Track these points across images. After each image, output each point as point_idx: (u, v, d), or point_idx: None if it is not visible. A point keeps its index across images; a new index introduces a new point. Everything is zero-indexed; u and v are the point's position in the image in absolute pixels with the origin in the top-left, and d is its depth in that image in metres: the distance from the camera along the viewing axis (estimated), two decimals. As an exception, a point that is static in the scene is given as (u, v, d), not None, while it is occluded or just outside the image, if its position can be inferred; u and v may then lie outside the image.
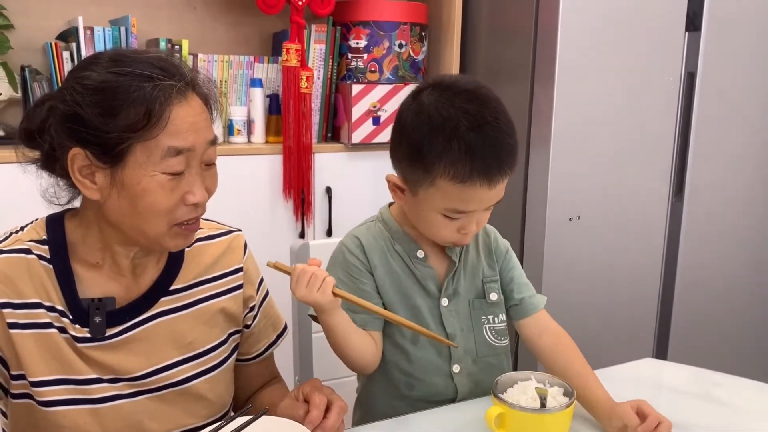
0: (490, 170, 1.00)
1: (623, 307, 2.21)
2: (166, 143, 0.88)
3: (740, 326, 2.39)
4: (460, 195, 1.02)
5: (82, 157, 0.89)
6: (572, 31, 1.99)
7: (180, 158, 0.90)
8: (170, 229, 0.93)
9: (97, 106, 0.87)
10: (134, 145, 0.87)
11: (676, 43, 2.12)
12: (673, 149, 2.18)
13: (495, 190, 1.03)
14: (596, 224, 2.13)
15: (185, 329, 1.03)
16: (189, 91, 0.92)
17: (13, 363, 0.93)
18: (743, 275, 2.36)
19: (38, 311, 0.93)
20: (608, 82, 2.06)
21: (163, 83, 0.88)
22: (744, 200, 2.31)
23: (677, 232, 2.23)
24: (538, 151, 2.09)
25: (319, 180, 2.18)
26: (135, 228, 0.92)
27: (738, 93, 2.22)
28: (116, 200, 0.91)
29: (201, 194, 0.93)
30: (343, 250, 1.15)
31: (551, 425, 0.96)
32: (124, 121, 0.86)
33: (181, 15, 2.26)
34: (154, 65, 0.90)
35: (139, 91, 0.87)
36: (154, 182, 0.89)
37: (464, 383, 1.15)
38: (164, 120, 0.87)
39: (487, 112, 1.01)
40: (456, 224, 1.06)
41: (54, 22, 2.08)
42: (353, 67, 2.23)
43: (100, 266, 0.98)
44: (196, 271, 1.06)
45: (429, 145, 1.01)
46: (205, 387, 1.04)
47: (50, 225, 0.98)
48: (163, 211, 0.91)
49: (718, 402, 1.13)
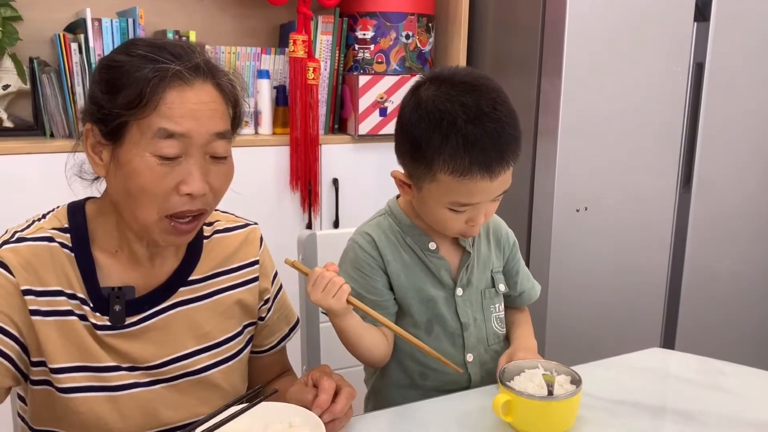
0: (490, 162, 1.00)
1: (630, 298, 2.21)
2: (157, 124, 0.88)
3: (747, 318, 2.39)
4: (462, 188, 1.02)
5: (92, 133, 0.92)
6: (580, 22, 1.98)
7: (172, 142, 0.89)
8: (161, 220, 0.92)
9: (104, 84, 0.90)
10: (131, 124, 0.88)
11: (685, 33, 2.10)
12: (681, 141, 2.17)
13: (497, 181, 1.02)
14: (603, 216, 2.13)
15: (202, 319, 1.04)
16: (198, 78, 0.91)
17: (34, 349, 0.94)
18: (750, 267, 2.35)
19: (60, 299, 0.94)
20: (616, 73, 2.06)
21: (162, 66, 0.88)
22: (752, 192, 2.30)
23: (685, 224, 2.22)
24: (545, 143, 2.09)
25: (326, 171, 2.18)
26: (129, 212, 0.93)
27: (747, 84, 2.21)
28: (114, 179, 0.92)
29: (196, 185, 0.90)
30: (354, 247, 1.15)
31: (558, 412, 0.97)
32: (122, 99, 0.88)
33: (188, 6, 2.27)
34: (166, 50, 0.91)
35: (139, 72, 0.88)
36: (143, 163, 0.89)
37: (477, 372, 1.17)
38: (155, 101, 0.88)
39: (485, 104, 1.00)
40: (463, 217, 1.06)
41: (62, 14, 2.09)
42: (360, 58, 2.23)
43: (118, 254, 0.99)
44: (214, 262, 1.07)
45: (428, 140, 1.01)
46: (220, 377, 1.05)
47: (71, 213, 0.99)
48: (151, 196, 0.90)
49: (725, 390, 1.13)
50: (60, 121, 1.99)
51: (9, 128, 1.99)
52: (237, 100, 0.97)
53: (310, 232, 1.39)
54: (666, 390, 1.17)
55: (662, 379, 1.22)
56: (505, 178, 1.04)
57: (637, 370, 1.21)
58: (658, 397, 1.12)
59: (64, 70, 1.93)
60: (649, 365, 1.25)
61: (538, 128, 2.10)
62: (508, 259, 1.22)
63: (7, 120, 1.99)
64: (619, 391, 1.10)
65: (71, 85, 1.94)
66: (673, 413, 1.06)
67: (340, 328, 1.06)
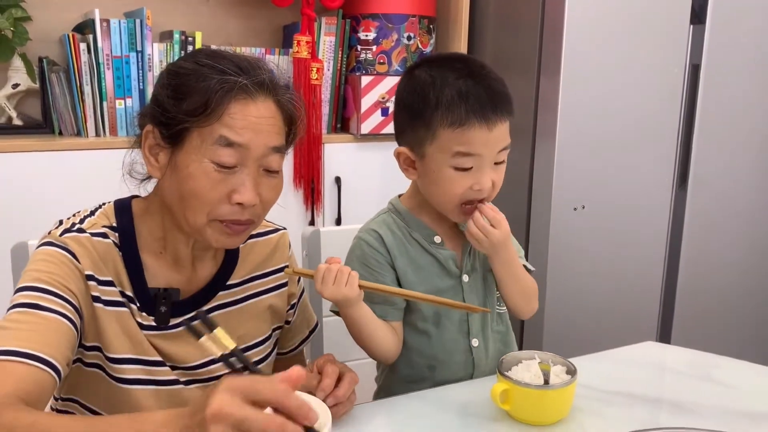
0: (485, 110, 1.05)
1: (627, 294, 2.25)
2: (219, 132, 0.91)
3: (741, 313, 2.42)
4: (462, 139, 1.05)
5: (152, 135, 0.95)
6: (578, 23, 2.02)
7: (231, 151, 0.91)
8: (211, 222, 0.94)
9: (170, 89, 0.94)
10: (192, 130, 0.92)
11: (681, 35, 2.14)
12: (677, 140, 2.21)
13: (495, 132, 1.06)
14: (601, 213, 2.16)
15: (237, 323, 1.06)
16: (261, 93, 0.94)
17: (91, 334, 0.96)
18: (745, 264, 2.39)
19: (114, 290, 0.97)
20: (613, 73, 2.09)
21: (229, 77, 0.92)
22: (746, 190, 2.34)
23: (681, 222, 2.26)
24: (543, 141, 2.13)
25: (328, 169, 2.21)
26: (180, 213, 0.95)
27: (741, 85, 2.24)
28: (169, 181, 0.95)
29: (248, 196, 0.92)
30: (361, 244, 1.17)
31: (553, 401, 1.00)
32: (187, 106, 0.91)
33: (194, 8, 2.30)
34: (233, 62, 0.94)
35: (206, 81, 0.91)
36: (200, 168, 0.91)
37: (481, 357, 1.19)
38: (219, 111, 0.91)
39: (475, 67, 1.08)
40: (468, 178, 1.08)
41: (70, 14, 2.12)
42: (362, 59, 2.27)
43: (162, 256, 1.02)
44: (249, 267, 1.10)
45: (424, 99, 1.07)
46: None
47: (119, 212, 1.01)
48: (204, 201, 0.92)
49: (718, 383, 1.16)
50: (69, 119, 2.02)
51: (18, 126, 2.03)
52: (294, 117, 1.00)
53: (314, 229, 1.42)
54: (660, 382, 1.21)
55: (656, 371, 1.25)
56: (503, 132, 1.08)
57: (631, 362, 1.24)
58: (651, 389, 1.15)
59: (73, 69, 1.96)
60: (644, 358, 1.28)
61: (536, 127, 2.14)
62: None
63: (16, 118, 2.03)
64: (614, 383, 1.14)
65: (80, 84, 1.98)
66: (667, 404, 1.09)
67: (354, 319, 1.08)
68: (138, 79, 2.04)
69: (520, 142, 2.18)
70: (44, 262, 0.93)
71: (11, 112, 2.03)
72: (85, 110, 2.00)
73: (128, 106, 2.04)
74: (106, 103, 2.01)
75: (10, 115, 2.03)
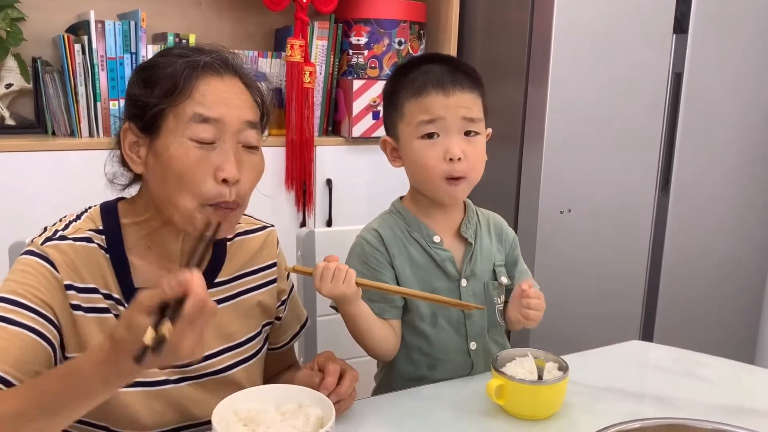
0: (442, 80, 1.13)
1: (611, 296, 2.30)
2: (192, 109, 0.93)
3: (721, 313, 2.49)
4: (421, 107, 1.13)
5: (131, 132, 0.97)
6: (566, 32, 2.07)
7: (207, 126, 0.93)
8: (201, 207, 0.94)
9: (141, 82, 0.96)
10: (166, 113, 0.93)
11: (664, 44, 2.20)
12: (660, 146, 2.27)
13: (453, 99, 1.13)
14: (586, 217, 2.22)
15: (227, 320, 1.07)
16: (226, 72, 0.97)
17: (72, 344, 0.96)
18: (725, 266, 2.46)
19: (97, 296, 0.97)
20: (599, 81, 2.15)
21: (193, 58, 0.95)
22: (726, 195, 2.41)
23: (663, 225, 2.32)
24: (531, 147, 2.17)
25: (320, 172, 2.24)
26: (168, 202, 0.95)
27: (723, 93, 2.31)
28: (152, 172, 0.96)
29: (231, 170, 0.93)
30: (361, 243, 1.20)
31: (547, 396, 1.04)
32: (158, 92, 0.94)
33: (187, 10, 2.32)
34: (196, 49, 0.98)
35: (173, 66, 0.95)
36: (181, 148, 0.92)
37: (479, 360, 1.22)
38: (189, 88, 0.93)
39: (445, 56, 1.19)
40: (438, 148, 1.13)
41: (64, 15, 2.13)
42: (354, 63, 2.30)
43: (150, 255, 1.02)
44: (237, 264, 1.10)
45: (395, 83, 1.17)
46: (242, 375, 1.09)
47: (105, 214, 1.02)
48: (189, 179, 0.93)
49: (701, 379, 1.21)
50: (62, 119, 2.03)
51: (11, 126, 2.03)
52: (263, 97, 1.03)
53: (309, 230, 1.45)
54: (645, 378, 1.26)
55: (642, 368, 1.30)
56: (463, 100, 1.14)
57: (619, 360, 1.29)
58: (638, 385, 1.20)
59: (67, 70, 1.97)
60: (631, 356, 1.32)
61: (524, 133, 2.19)
62: (509, 253, 1.29)
63: (9, 118, 2.04)
64: (603, 379, 1.18)
65: (74, 85, 1.99)
66: (652, 399, 1.14)
67: (352, 316, 1.11)
68: (132, 80, 2.06)
69: (508, 148, 2.23)
70: (22, 273, 0.94)
71: (4, 111, 2.03)
72: (78, 111, 2.01)
73: (122, 107, 2.05)
74: (99, 103, 2.02)
75: (2, 115, 2.03)
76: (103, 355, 0.76)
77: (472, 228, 1.23)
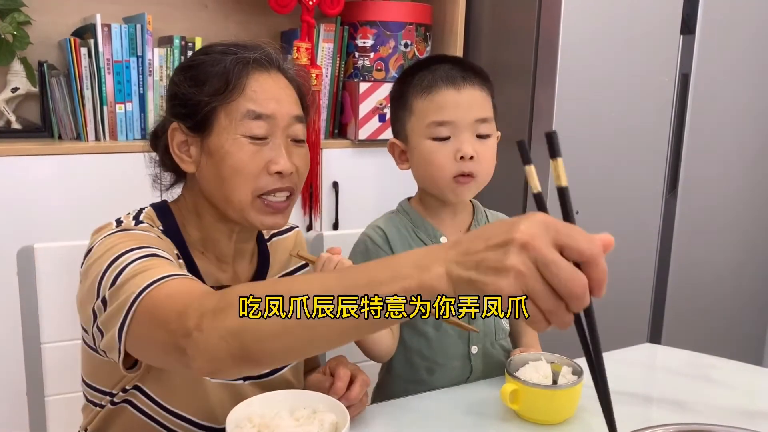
0: (452, 75, 1.12)
1: (619, 298, 2.29)
2: (245, 106, 0.94)
3: (730, 316, 2.48)
4: (432, 105, 1.12)
5: (179, 132, 0.97)
6: (573, 33, 2.07)
7: (260, 123, 0.95)
8: (254, 200, 0.96)
9: (188, 81, 0.96)
10: (218, 111, 0.94)
11: (672, 45, 2.20)
12: (667, 147, 2.27)
13: (464, 95, 1.12)
14: (594, 219, 2.21)
15: None
16: (273, 68, 0.99)
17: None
18: (733, 268, 2.45)
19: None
20: (607, 82, 2.14)
21: (241, 55, 0.96)
22: (734, 196, 2.40)
23: (671, 227, 2.31)
24: (538, 148, 2.17)
25: (326, 175, 2.24)
26: (223, 197, 0.96)
27: (730, 94, 2.31)
28: (206, 169, 0.97)
29: (284, 163, 0.96)
30: (365, 240, 1.20)
31: (561, 401, 1.03)
32: (208, 89, 0.94)
33: (193, 13, 2.32)
34: (239, 45, 0.98)
35: (221, 64, 0.95)
36: (236, 144, 0.94)
37: (479, 364, 1.22)
38: (241, 85, 0.94)
39: (451, 56, 1.18)
40: (449, 148, 1.12)
41: (70, 19, 2.13)
42: (360, 65, 2.30)
43: (205, 255, 1.03)
44: (279, 265, 1.13)
45: (403, 82, 1.16)
46: (291, 374, 1.11)
47: (161, 216, 1.02)
48: (246, 174, 0.95)
49: (716, 382, 1.20)
50: (68, 123, 2.03)
51: (17, 130, 2.03)
52: (303, 89, 1.05)
53: (317, 233, 1.45)
54: (659, 382, 1.25)
55: (656, 371, 1.29)
56: (475, 98, 1.13)
57: (631, 363, 1.28)
58: (652, 388, 1.19)
59: (73, 73, 1.97)
60: (643, 359, 1.32)
61: (532, 134, 2.18)
62: None
63: (15, 122, 2.03)
64: (615, 383, 1.15)
65: (80, 89, 1.98)
66: (667, 403, 1.13)
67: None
68: (138, 83, 2.05)
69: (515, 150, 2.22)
70: (138, 236, 0.92)
71: (10, 115, 2.03)
72: (85, 114, 2.00)
73: (128, 110, 2.05)
74: (106, 107, 2.02)
75: (8, 119, 2.03)
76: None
77: None
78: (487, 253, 0.57)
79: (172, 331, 0.73)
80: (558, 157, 0.64)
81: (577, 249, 0.56)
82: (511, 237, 0.56)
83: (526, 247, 0.55)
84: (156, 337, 0.78)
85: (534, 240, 0.55)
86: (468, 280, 0.57)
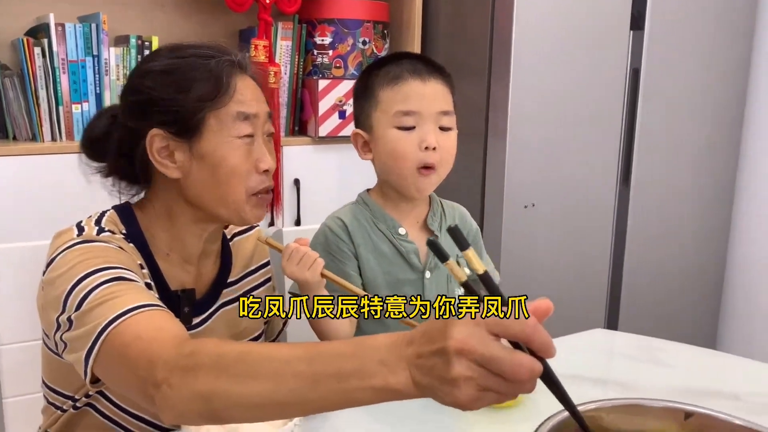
0: (418, 68, 1.16)
1: (576, 287, 2.35)
2: (235, 109, 0.95)
3: (683, 303, 2.56)
4: (398, 96, 1.15)
5: (160, 138, 0.95)
6: (526, 31, 2.11)
7: (248, 123, 0.96)
8: (249, 198, 0.98)
9: (170, 86, 0.95)
10: (208, 116, 0.94)
11: (622, 41, 2.26)
12: (619, 140, 2.33)
13: (430, 87, 1.15)
14: (550, 211, 2.26)
15: (239, 319, 1.10)
16: (245, 69, 1.00)
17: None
18: (685, 257, 2.52)
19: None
20: (560, 78, 2.19)
21: (223, 58, 0.96)
22: (684, 187, 2.47)
23: (624, 218, 2.38)
24: (495, 142, 2.21)
25: (287, 172, 2.25)
26: (217, 199, 0.97)
27: (680, 88, 2.38)
28: (197, 174, 0.96)
29: (269, 161, 0.99)
30: (325, 231, 1.22)
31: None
32: (196, 93, 0.94)
33: (150, 12, 2.30)
34: (210, 47, 0.98)
35: (204, 67, 0.95)
36: (231, 147, 0.95)
37: None
38: (232, 88, 0.95)
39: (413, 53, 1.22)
40: (414, 137, 1.15)
41: (23, 19, 2.10)
42: (319, 63, 2.31)
43: (170, 257, 1.02)
44: (241, 264, 1.13)
45: (368, 75, 1.19)
46: None
47: (124, 219, 1.00)
48: (241, 174, 0.96)
49: (663, 364, 1.25)
50: (23, 124, 2.00)
51: (-30, 132, 2.00)
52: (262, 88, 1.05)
53: (277, 229, 1.46)
54: (609, 364, 1.30)
55: (606, 355, 1.34)
56: (439, 91, 1.17)
57: (582, 347, 1.32)
58: (602, 371, 1.24)
59: (27, 74, 1.94)
60: (594, 343, 1.36)
61: (488, 129, 2.22)
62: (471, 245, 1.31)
63: (-32, 124, 2.00)
64: (566, 366, 1.18)
65: (35, 89, 1.96)
66: (615, 384, 1.17)
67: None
68: (95, 83, 2.04)
69: (472, 144, 2.26)
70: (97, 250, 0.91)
71: (-37, 117, 2.00)
72: (40, 115, 1.98)
73: (85, 110, 2.04)
74: (62, 107, 2.00)
75: (-39, 120, 2.00)
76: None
77: (437, 220, 1.26)
78: (433, 359, 0.57)
79: (141, 378, 0.73)
80: (467, 249, 0.65)
81: (510, 335, 0.57)
82: (445, 345, 0.56)
83: (462, 353, 0.55)
84: (125, 377, 0.78)
85: (467, 344, 0.55)
86: (430, 388, 0.58)
